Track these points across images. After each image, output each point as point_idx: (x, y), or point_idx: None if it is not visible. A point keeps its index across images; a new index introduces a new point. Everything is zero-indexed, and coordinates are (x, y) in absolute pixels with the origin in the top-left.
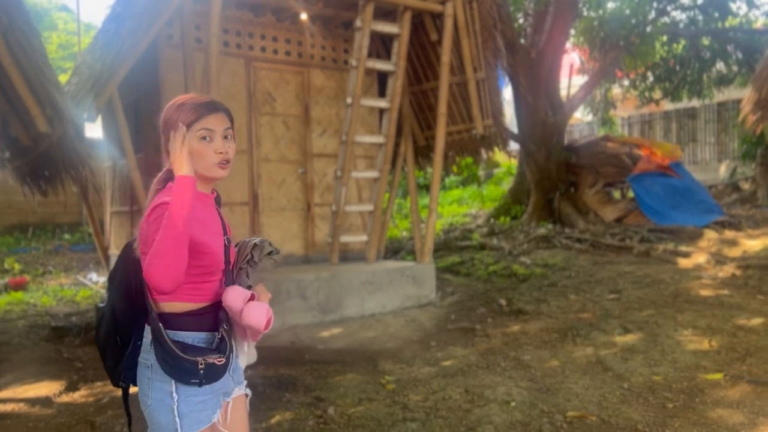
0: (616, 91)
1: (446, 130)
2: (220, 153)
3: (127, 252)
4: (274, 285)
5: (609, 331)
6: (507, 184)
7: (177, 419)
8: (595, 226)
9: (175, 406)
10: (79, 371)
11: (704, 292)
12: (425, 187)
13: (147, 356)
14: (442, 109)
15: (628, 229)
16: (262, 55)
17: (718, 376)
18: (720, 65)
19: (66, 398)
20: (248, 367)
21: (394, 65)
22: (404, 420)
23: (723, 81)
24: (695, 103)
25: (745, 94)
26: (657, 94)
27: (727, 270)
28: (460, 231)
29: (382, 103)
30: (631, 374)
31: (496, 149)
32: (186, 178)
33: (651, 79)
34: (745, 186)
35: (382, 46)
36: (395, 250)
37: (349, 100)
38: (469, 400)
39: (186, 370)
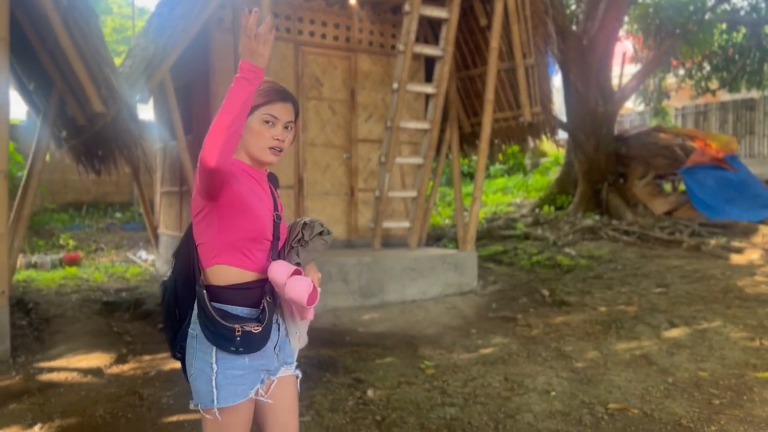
0: (670, 80)
1: (493, 117)
2: (277, 139)
3: (191, 229)
4: (317, 267)
5: (655, 325)
6: (553, 174)
7: (214, 390)
8: (643, 219)
9: (214, 377)
10: (128, 344)
11: (757, 289)
12: (469, 175)
13: (193, 327)
14: (490, 95)
15: (679, 222)
16: (311, 40)
17: None
18: None
19: (116, 370)
20: None
21: (442, 50)
22: (443, 404)
23: None
24: (754, 93)
25: None
26: (713, 84)
27: None
28: (503, 220)
29: (429, 89)
30: (676, 369)
31: (543, 138)
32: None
33: (708, 68)
34: None
35: (430, 30)
36: (437, 237)
37: (395, 85)
38: (508, 388)
39: (225, 336)
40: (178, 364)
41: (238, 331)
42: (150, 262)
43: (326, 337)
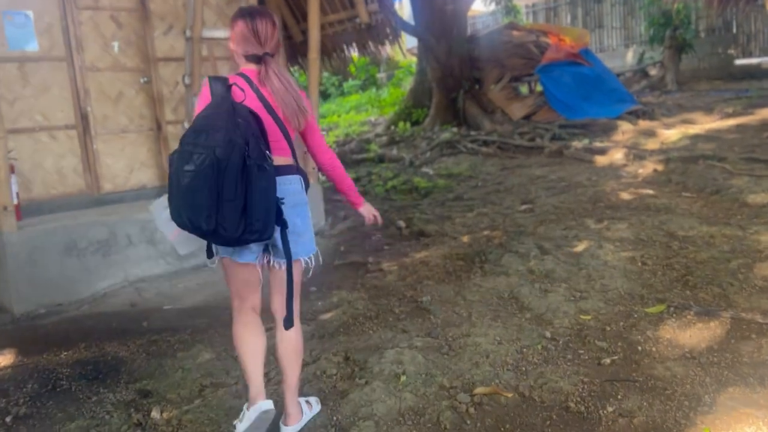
0: None
1: (324, 20)
2: None
3: (236, 111)
4: (108, 231)
5: (523, 253)
6: (407, 86)
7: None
8: (502, 126)
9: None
10: None
11: (626, 195)
12: (322, 94)
13: (305, 197)
14: None
15: (538, 126)
16: None
17: (660, 308)
18: None
19: None
20: (56, 355)
21: None
22: None
23: None
24: None
25: None
26: None
27: (648, 166)
28: (356, 142)
29: None
30: (553, 314)
31: (388, 43)
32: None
33: None
34: (653, 72)
35: None
36: None
37: None
38: (347, 375)
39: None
40: None
41: None
42: None
43: (118, 325)
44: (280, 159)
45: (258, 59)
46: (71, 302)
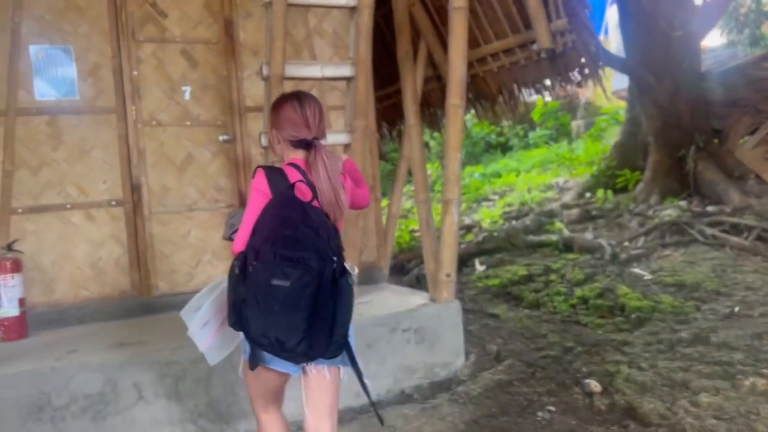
0: None
1: (486, 51)
2: None
3: (310, 215)
4: (105, 380)
5: None
6: (612, 139)
7: None
8: (760, 201)
9: None
10: None
11: None
12: (499, 147)
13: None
14: (459, 0)
15: None
16: None
17: None
18: None
19: None
20: None
21: None
22: None
23: None
24: None
25: None
26: None
27: None
28: (534, 216)
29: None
30: None
31: (595, 84)
32: None
33: None
34: None
35: None
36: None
37: None
38: None
39: None
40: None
41: None
42: None
43: None
44: None
45: (307, 145)
46: None
